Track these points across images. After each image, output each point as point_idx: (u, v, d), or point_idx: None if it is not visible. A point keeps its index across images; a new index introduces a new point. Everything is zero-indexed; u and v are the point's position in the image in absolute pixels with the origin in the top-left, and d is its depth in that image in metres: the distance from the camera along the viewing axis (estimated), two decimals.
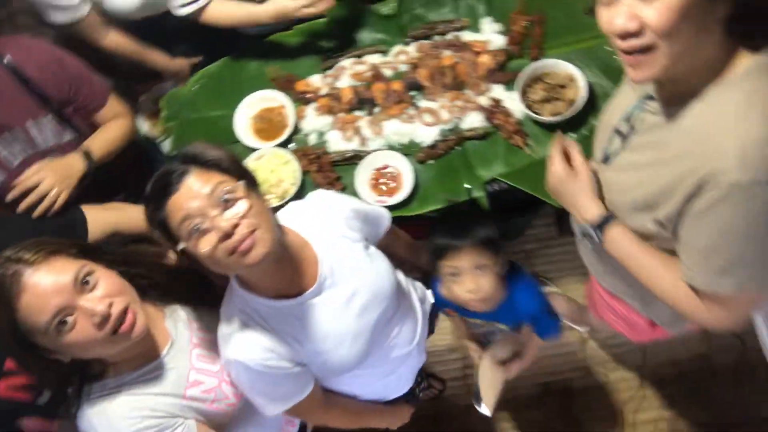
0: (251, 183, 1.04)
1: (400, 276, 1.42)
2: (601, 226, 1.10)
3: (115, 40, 1.85)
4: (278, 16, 1.64)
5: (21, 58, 1.39)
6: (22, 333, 0.95)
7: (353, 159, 1.66)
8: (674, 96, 0.94)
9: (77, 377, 1.06)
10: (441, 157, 1.65)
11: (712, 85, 0.88)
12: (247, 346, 1.08)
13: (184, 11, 1.69)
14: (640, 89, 1.05)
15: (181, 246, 0.97)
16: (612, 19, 0.85)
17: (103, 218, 1.40)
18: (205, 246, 0.94)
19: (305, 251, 1.15)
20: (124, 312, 1.00)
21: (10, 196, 1.36)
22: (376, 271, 1.24)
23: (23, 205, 1.35)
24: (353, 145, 1.70)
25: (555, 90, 1.60)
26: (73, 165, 1.44)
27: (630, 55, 0.87)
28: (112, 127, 1.57)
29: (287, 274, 1.11)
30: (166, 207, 0.96)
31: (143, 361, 1.10)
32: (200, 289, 1.23)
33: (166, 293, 1.19)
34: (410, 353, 1.39)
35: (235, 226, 0.95)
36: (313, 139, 1.73)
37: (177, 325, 1.18)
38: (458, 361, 2.29)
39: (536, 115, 1.58)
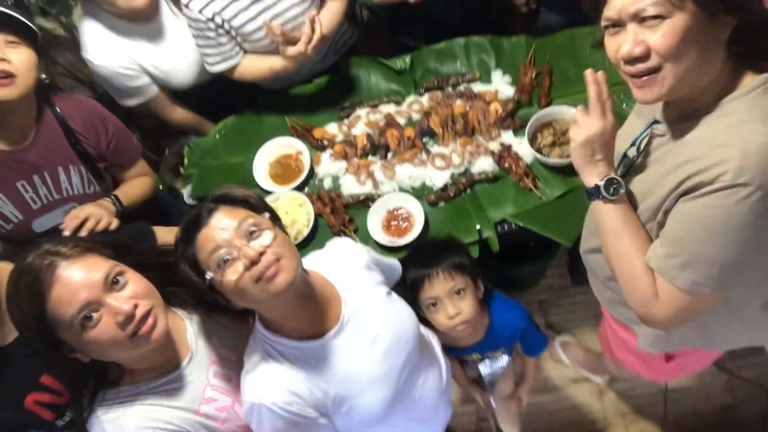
0: (275, 217, 1.10)
1: (420, 326, 1.41)
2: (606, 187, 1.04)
3: (181, 114, 2.03)
4: (293, 58, 1.72)
5: (70, 112, 1.50)
6: (48, 325, 0.97)
7: (366, 201, 1.71)
8: (680, 116, 0.99)
9: (93, 381, 1.07)
10: (452, 200, 1.69)
11: (717, 104, 0.92)
12: (271, 387, 1.08)
13: (218, 69, 1.82)
14: (646, 116, 1.09)
15: (209, 276, 1.01)
16: (619, 46, 0.91)
17: (166, 234, 1.43)
18: (232, 274, 0.98)
19: (328, 290, 1.17)
20: (148, 314, 1.02)
21: (71, 227, 1.37)
22: (398, 314, 1.25)
23: (84, 232, 1.37)
24: (366, 188, 1.75)
25: (563, 135, 1.65)
26: (108, 207, 1.51)
27: (638, 78, 0.92)
28: (137, 184, 1.66)
29: (311, 313, 1.13)
30: (196, 241, 1.01)
31: (161, 372, 1.11)
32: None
33: (191, 304, 1.21)
34: (438, 405, 1.38)
35: (261, 254, 0.99)
36: (327, 184, 1.79)
37: (198, 339, 1.18)
38: (472, 414, 2.23)
39: (546, 158, 1.62)
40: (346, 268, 1.24)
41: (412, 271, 1.40)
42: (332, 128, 1.88)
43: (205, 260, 1.01)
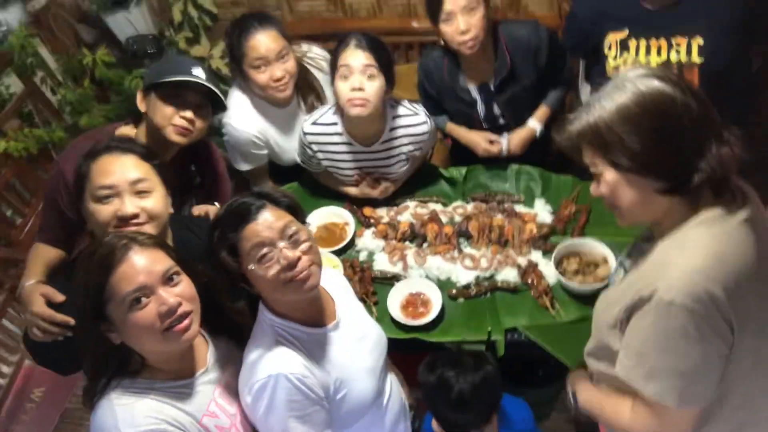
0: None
1: None
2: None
3: (269, 185, 2.29)
4: (364, 194, 2.07)
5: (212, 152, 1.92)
6: (104, 297, 1.09)
7: (392, 280, 1.83)
8: (655, 236, 1.15)
9: (115, 365, 1.15)
10: (471, 299, 1.78)
11: (677, 228, 1.07)
12: (289, 360, 1.19)
13: (302, 165, 2.15)
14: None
15: (251, 267, 1.16)
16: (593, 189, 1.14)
17: None
18: (271, 271, 1.15)
19: (325, 294, 1.35)
20: (186, 316, 1.13)
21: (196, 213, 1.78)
22: (373, 322, 1.46)
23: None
24: (396, 268, 1.88)
25: (588, 266, 1.75)
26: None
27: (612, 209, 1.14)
28: None
29: (316, 308, 1.29)
30: (242, 232, 1.17)
31: (176, 376, 1.19)
32: (243, 334, 1.34)
33: (218, 326, 1.32)
34: (399, 420, 1.48)
35: (299, 259, 1.16)
36: (363, 256, 1.94)
37: (216, 359, 1.28)
38: None
39: (568, 282, 1.71)
40: (330, 279, 1.42)
41: (443, 370, 1.46)
42: (381, 211, 2.07)
43: (246, 251, 1.16)
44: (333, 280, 1.46)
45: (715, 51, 1.73)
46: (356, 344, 1.34)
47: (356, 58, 1.78)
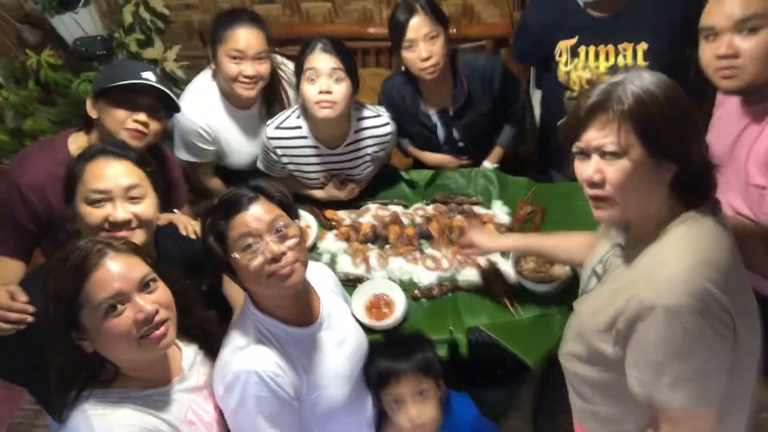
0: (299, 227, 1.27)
1: None
2: None
3: (216, 183, 2.28)
4: (330, 196, 2.09)
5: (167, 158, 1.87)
6: (77, 303, 1.05)
7: (355, 282, 1.84)
8: (632, 242, 1.17)
9: (86, 375, 1.11)
10: (433, 299, 1.81)
11: (659, 232, 1.10)
12: (262, 358, 1.19)
13: (265, 172, 2.13)
14: (612, 239, 1.27)
15: (234, 256, 1.16)
16: (584, 170, 1.11)
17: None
18: (255, 262, 1.15)
19: (311, 291, 1.36)
20: (162, 323, 1.11)
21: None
22: (356, 326, 1.44)
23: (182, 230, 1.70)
24: (359, 270, 1.89)
25: (545, 265, 1.80)
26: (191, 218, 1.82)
27: (594, 200, 1.12)
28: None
29: (299, 306, 1.30)
30: (231, 221, 1.17)
31: (151, 384, 1.16)
32: (213, 343, 1.33)
33: (190, 333, 1.30)
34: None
35: (283, 254, 1.16)
36: (325, 259, 1.94)
37: (192, 367, 1.26)
38: None
39: (526, 281, 1.76)
40: (320, 278, 1.42)
41: (382, 362, 1.49)
42: (343, 213, 2.07)
43: (233, 240, 1.16)
44: (324, 279, 1.47)
45: (659, 55, 1.83)
46: (334, 349, 1.34)
47: (323, 61, 1.79)
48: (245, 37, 1.92)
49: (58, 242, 1.67)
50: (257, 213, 1.18)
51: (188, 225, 1.73)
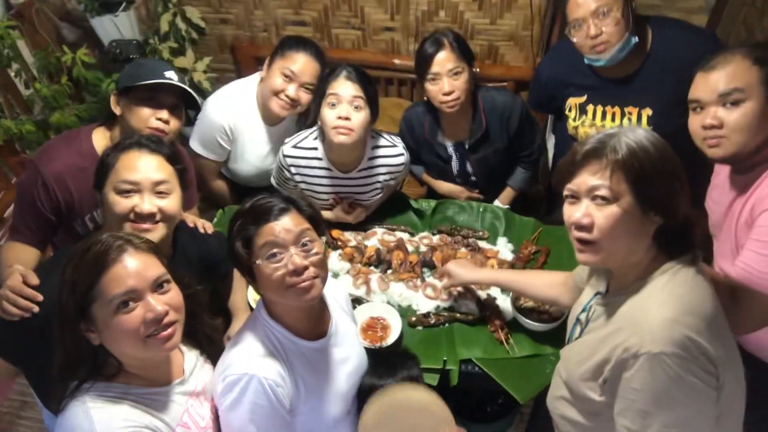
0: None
1: None
2: None
3: (220, 185, 2.37)
4: (338, 218, 2.11)
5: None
6: (91, 295, 1.07)
7: (354, 302, 1.85)
8: (615, 290, 1.19)
9: (89, 368, 1.12)
10: (430, 327, 1.82)
11: (641, 282, 1.13)
12: (267, 365, 1.20)
13: (276, 187, 2.17)
14: (595, 288, 1.29)
15: (258, 262, 1.19)
16: (572, 213, 1.14)
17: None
18: (277, 272, 1.18)
19: (324, 308, 1.38)
20: (171, 324, 1.13)
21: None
22: (360, 347, 1.45)
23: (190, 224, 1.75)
24: (360, 292, 1.91)
25: (544, 305, 1.81)
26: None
27: (579, 243, 1.15)
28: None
29: (311, 319, 1.32)
30: (260, 229, 1.20)
31: (152, 383, 1.17)
32: (216, 351, 1.35)
33: (194, 338, 1.32)
34: None
35: (306, 268, 1.19)
36: None
37: (193, 371, 1.28)
38: None
39: (524, 319, 1.77)
40: (333, 295, 1.45)
41: (367, 378, 1.49)
42: (350, 234, 2.10)
43: (258, 247, 1.19)
44: (337, 295, 1.48)
45: (662, 122, 1.88)
46: (337, 366, 1.35)
47: (346, 88, 1.84)
48: (303, 64, 2.02)
49: (74, 234, 1.72)
50: (286, 224, 1.20)
51: (199, 222, 1.78)
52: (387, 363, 1.54)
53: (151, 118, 1.66)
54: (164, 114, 1.67)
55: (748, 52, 1.34)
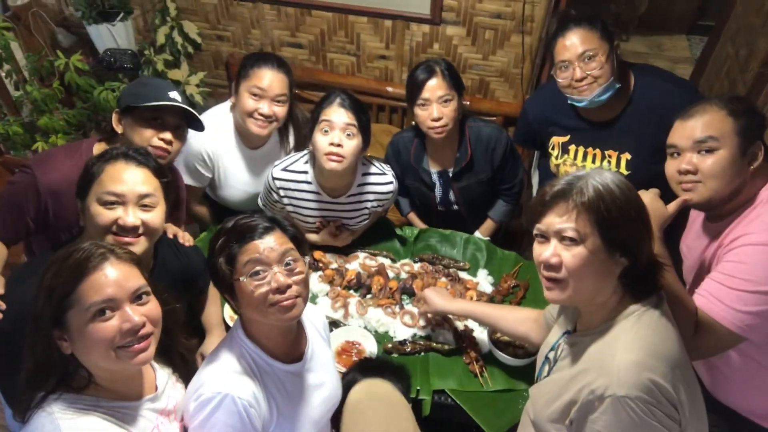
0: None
1: None
2: None
3: (202, 211, 2.35)
4: (325, 242, 2.12)
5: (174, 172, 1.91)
6: (68, 302, 1.05)
7: (331, 325, 1.84)
8: (584, 329, 1.21)
9: (58, 378, 1.09)
10: (405, 355, 1.81)
11: (608, 323, 1.15)
12: (241, 385, 1.19)
13: (264, 209, 2.18)
14: (563, 327, 1.31)
15: (241, 279, 1.19)
16: (541, 252, 1.17)
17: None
18: (259, 289, 1.18)
19: (302, 331, 1.38)
20: (146, 336, 1.11)
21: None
22: (336, 374, 1.44)
23: (170, 234, 1.74)
24: (337, 315, 1.90)
25: (519, 339, 1.82)
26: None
27: (548, 281, 1.17)
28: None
29: (287, 342, 1.31)
30: (244, 246, 1.20)
31: (123, 397, 1.15)
32: (189, 371, 1.33)
33: (167, 356, 1.30)
34: None
35: (288, 286, 1.19)
36: None
37: (165, 389, 1.25)
38: None
39: (499, 353, 1.77)
40: (312, 319, 1.45)
41: (352, 374, 1.50)
42: (331, 256, 2.10)
43: (242, 264, 1.19)
44: (315, 320, 1.48)
45: (640, 166, 1.93)
46: (311, 391, 1.34)
47: (339, 115, 1.86)
48: (269, 78, 2.00)
49: (57, 241, 1.69)
50: (270, 243, 1.21)
51: (179, 233, 1.77)
52: (376, 365, 1.57)
53: (153, 138, 1.66)
54: (168, 135, 1.68)
55: (724, 104, 1.40)
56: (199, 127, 1.79)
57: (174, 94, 1.70)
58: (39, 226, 1.66)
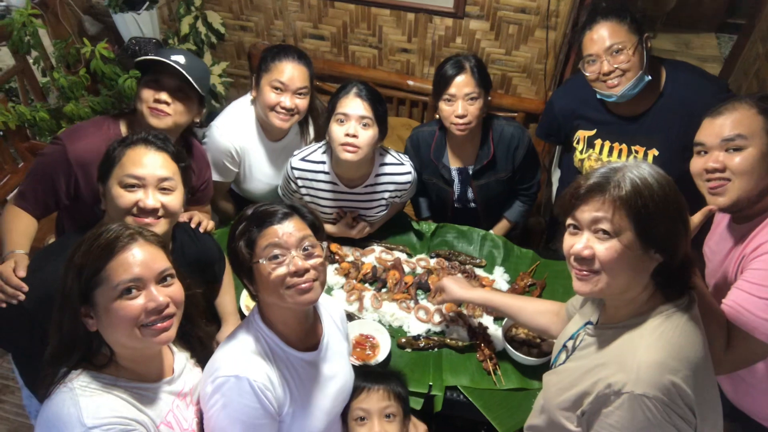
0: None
1: None
2: None
3: (228, 206, 2.35)
4: (342, 232, 2.12)
5: (196, 152, 1.94)
6: (96, 280, 1.09)
7: (346, 318, 1.85)
8: (608, 322, 1.20)
9: (81, 355, 1.13)
10: (419, 350, 1.81)
11: (634, 319, 1.13)
12: (257, 368, 1.22)
13: (283, 198, 2.20)
14: (585, 317, 1.30)
15: (261, 262, 1.22)
16: (573, 245, 1.14)
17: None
18: (278, 272, 1.21)
19: (318, 319, 1.41)
20: (170, 316, 1.14)
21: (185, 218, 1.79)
22: (349, 366, 1.46)
23: (193, 224, 1.80)
24: (352, 308, 1.91)
25: (535, 339, 1.81)
26: (208, 213, 1.98)
27: (579, 272, 1.14)
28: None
29: (303, 329, 1.34)
30: (264, 231, 1.24)
31: (141, 378, 1.18)
32: (206, 355, 1.35)
33: (186, 341, 1.33)
34: None
35: (306, 270, 1.22)
36: None
37: (182, 372, 1.28)
38: None
39: (514, 351, 1.76)
40: (330, 311, 1.47)
41: (354, 380, 1.50)
42: (347, 249, 2.11)
43: (261, 248, 1.22)
44: (333, 312, 1.50)
45: (667, 163, 1.89)
46: (324, 381, 1.36)
47: (355, 106, 1.86)
48: (290, 71, 2.00)
49: (87, 220, 1.71)
50: (289, 228, 1.24)
51: (204, 221, 1.80)
52: (375, 371, 1.59)
53: (151, 99, 1.69)
54: (163, 95, 1.70)
55: (754, 102, 1.37)
56: (197, 93, 1.77)
57: (178, 57, 1.71)
58: (70, 198, 1.70)
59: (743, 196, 1.37)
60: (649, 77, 1.83)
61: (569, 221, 1.16)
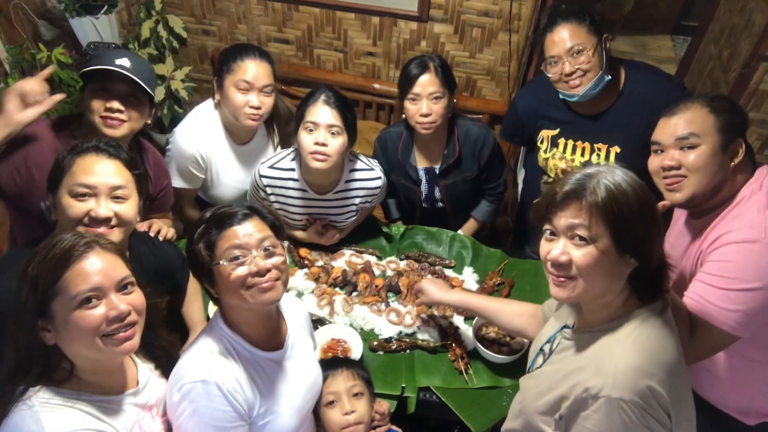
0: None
1: None
2: None
3: (195, 214, 2.26)
4: (311, 239, 2.10)
5: (151, 158, 1.88)
6: (52, 291, 1.05)
7: (317, 323, 1.84)
8: (584, 326, 1.21)
9: (39, 370, 1.08)
10: (391, 352, 1.81)
11: (610, 323, 1.14)
12: (223, 371, 1.19)
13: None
14: (561, 320, 1.30)
15: (221, 263, 1.21)
16: (550, 251, 1.15)
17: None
18: (239, 273, 1.20)
19: (281, 318, 1.40)
20: (132, 325, 1.11)
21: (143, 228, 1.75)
22: (316, 363, 1.48)
23: (152, 232, 1.75)
24: (323, 312, 1.90)
25: (505, 337, 1.83)
26: (168, 223, 1.91)
27: (556, 278, 1.15)
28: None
29: (267, 329, 1.33)
30: (223, 232, 1.22)
31: (104, 391, 1.14)
32: (170, 365, 1.31)
33: (150, 351, 1.29)
34: None
35: (268, 270, 1.21)
36: (291, 295, 1.94)
37: (146, 384, 1.25)
38: None
39: (484, 350, 1.78)
40: (293, 311, 1.47)
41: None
42: (316, 254, 2.10)
43: (221, 250, 1.21)
44: (296, 312, 1.49)
45: (628, 159, 1.94)
46: (292, 379, 1.35)
47: (323, 114, 1.84)
48: (254, 70, 1.97)
49: (35, 216, 1.65)
50: (249, 229, 1.23)
51: (164, 230, 1.76)
52: (340, 360, 1.65)
53: (101, 109, 1.61)
54: (114, 104, 1.61)
55: (706, 102, 1.43)
56: (147, 94, 1.69)
57: (122, 61, 1.62)
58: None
59: (698, 191, 1.42)
60: (609, 77, 1.88)
61: (546, 226, 1.17)
